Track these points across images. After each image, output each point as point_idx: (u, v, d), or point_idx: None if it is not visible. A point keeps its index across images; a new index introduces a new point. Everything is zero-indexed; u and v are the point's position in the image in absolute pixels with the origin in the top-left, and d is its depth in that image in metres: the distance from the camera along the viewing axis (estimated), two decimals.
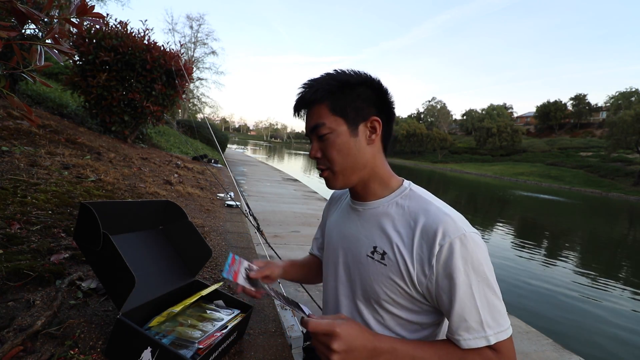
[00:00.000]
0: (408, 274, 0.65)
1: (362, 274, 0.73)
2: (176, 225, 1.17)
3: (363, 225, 0.76)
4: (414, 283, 0.65)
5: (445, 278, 0.62)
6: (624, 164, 36.14)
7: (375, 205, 0.75)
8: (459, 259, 0.61)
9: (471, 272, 0.61)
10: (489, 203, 16.40)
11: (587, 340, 3.50)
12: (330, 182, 0.76)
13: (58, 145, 3.31)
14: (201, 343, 0.86)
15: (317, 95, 0.71)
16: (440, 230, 0.62)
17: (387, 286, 0.68)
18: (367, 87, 0.72)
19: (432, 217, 0.65)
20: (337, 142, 0.71)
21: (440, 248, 0.62)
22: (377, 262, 0.70)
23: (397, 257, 0.67)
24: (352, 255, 0.77)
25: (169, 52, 5.61)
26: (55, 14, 0.97)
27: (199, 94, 27.32)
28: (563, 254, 7.18)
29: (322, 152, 0.73)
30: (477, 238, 0.63)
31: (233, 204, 3.57)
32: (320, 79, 0.73)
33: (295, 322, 1.57)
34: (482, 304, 0.61)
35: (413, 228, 0.66)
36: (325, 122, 0.71)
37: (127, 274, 0.79)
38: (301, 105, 0.75)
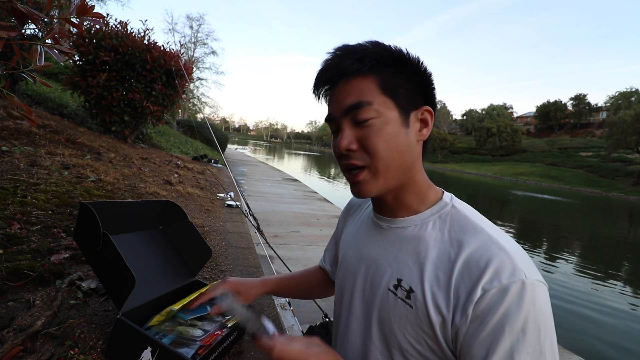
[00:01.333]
0: (441, 324, 0.49)
1: (381, 312, 0.56)
2: (176, 225, 1.17)
3: (387, 248, 0.59)
4: (447, 336, 0.49)
5: (480, 334, 0.45)
6: (624, 164, 36.15)
7: (406, 223, 0.58)
8: (508, 313, 0.43)
9: (521, 337, 0.43)
10: (489, 203, 16.39)
11: (587, 340, 3.50)
12: (366, 186, 0.55)
13: (58, 145, 3.31)
14: (204, 341, 0.86)
15: (364, 63, 0.52)
16: (490, 269, 0.46)
17: (412, 334, 0.52)
18: (418, 69, 0.56)
19: (481, 250, 0.48)
20: (386, 130, 0.52)
21: (483, 293, 0.45)
22: (400, 300, 0.53)
23: (428, 298, 0.50)
24: (371, 284, 0.60)
25: (169, 52, 5.61)
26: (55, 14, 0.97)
27: (199, 94, 27.36)
28: (563, 254, 7.18)
29: (359, 142, 0.53)
30: (541, 290, 0.45)
31: (233, 204, 3.57)
32: (364, 45, 0.54)
33: (295, 322, 1.58)
34: None
35: (453, 261, 0.49)
36: (372, 101, 0.52)
37: (127, 274, 0.78)
38: (335, 73, 0.54)
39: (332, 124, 0.57)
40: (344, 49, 0.55)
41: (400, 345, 0.53)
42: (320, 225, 4.79)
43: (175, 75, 5.60)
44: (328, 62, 0.55)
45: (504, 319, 0.43)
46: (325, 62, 0.56)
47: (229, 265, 2.10)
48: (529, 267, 0.47)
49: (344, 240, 0.75)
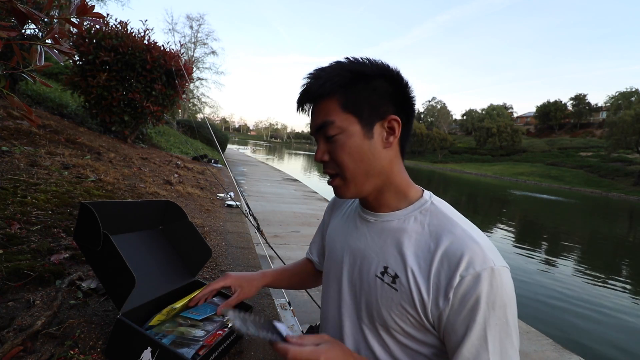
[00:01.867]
0: (422, 304, 0.57)
1: (368, 296, 0.64)
2: (176, 225, 1.17)
3: (373, 240, 0.67)
4: (427, 314, 0.57)
5: (460, 314, 0.54)
6: (624, 164, 36.16)
7: (390, 218, 0.65)
8: (481, 295, 0.52)
9: (492, 313, 0.52)
10: (489, 203, 16.40)
11: (587, 340, 3.50)
12: (341, 190, 0.65)
13: (58, 145, 3.31)
14: (206, 341, 0.86)
15: (326, 88, 0.59)
16: (464, 259, 0.54)
17: (397, 314, 0.60)
18: (385, 80, 0.61)
19: (456, 242, 0.56)
20: (349, 144, 0.60)
21: (461, 280, 0.53)
22: (386, 285, 0.61)
23: (411, 283, 0.58)
24: (358, 272, 0.68)
25: (169, 52, 5.61)
26: (55, 14, 0.97)
27: (199, 94, 27.37)
28: (563, 254, 7.18)
29: (329, 155, 0.63)
30: (506, 275, 0.54)
31: (233, 204, 3.57)
32: (329, 68, 0.62)
33: (295, 322, 1.58)
34: (495, 351, 0.52)
35: (433, 252, 0.57)
36: (334, 120, 0.60)
37: (127, 274, 0.78)
38: (306, 99, 0.63)
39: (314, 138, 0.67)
40: (312, 76, 0.62)
41: (387, 323, 0.62)
42: None
43: (175, 75, 5.60)
44: (302, 88, 0.64)
45: (478, 299, 0.52)
46: (301, 87, 0.64)
47: (229, 265, 2.10)
48: (496, 255, 0.56)
49: (331, 232, 0.81)
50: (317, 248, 0.96)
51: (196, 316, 0.93)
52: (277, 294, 2.07)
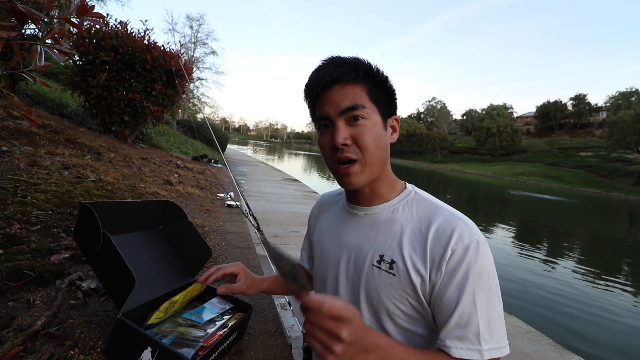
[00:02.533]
0: (421, 282, 0.61)
1: (367, 287, 0.67)
2: (176, 225, 1.16)
3: (365, 232, 0.70)
4: (425, 290, 0.61)
5: (451, 283, 0.58)
6: (624, 164, 36.16)
7: (379, 210, 0.70)
8: (469, 265, 0.58)
9: (478, 281, 0.58)
10: (489, 203, 16.40)
11: (587, 340, 3.50)
12: (357, 177, 0.64)
13: (58, 145, 3.31)
14: (206, 341, 0.86)
15: (359, 74, 0.63)
16: (455, 234, 0.59)
17: (397, 298, 0.63)
18: (389, 85, 0.68)
19: (445, 221, 0.61)
20: (375, 130, 0.63)
21: (452, 253, 0.58)
22: (384, 272, 0.64)
23: (409, 265, 0.61)
24: (353, 267, 0.70)
25: (169, 52, 5.61)
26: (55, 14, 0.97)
27: (199, 94, 27.36)
28: (563, 254, 7.18)
29: (352, 139, 0.63)
30: (487, 246, 0.60)
31: (233, 204, 3.58)
32: (355, 59, 0.66)
33: (295, 322, 1.57)
34: (482, 316, 0.57)
35: (425, 233, 0.62)
36: (365, 105, 0.63)
37: (127, 274, 0.78)
38: (332, 80, 0.63)
39: (322, 122, 0.66)
40: (339, 60, 0.65)
41: (388, 309, 0.64)
42: None
43: (175, 75, 5.60)
44: (323, 69, 0.64)
45: (468, 269, 0.58)
46: (320, 68, 0.65)
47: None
48: (478, 231, 0.62)
49: (319, 234, 0.83)
50: (307, 254, 0.98)
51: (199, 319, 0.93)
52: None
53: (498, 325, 0.58)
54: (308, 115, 0.72)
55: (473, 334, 0.57)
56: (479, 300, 0.57)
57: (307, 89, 0.67)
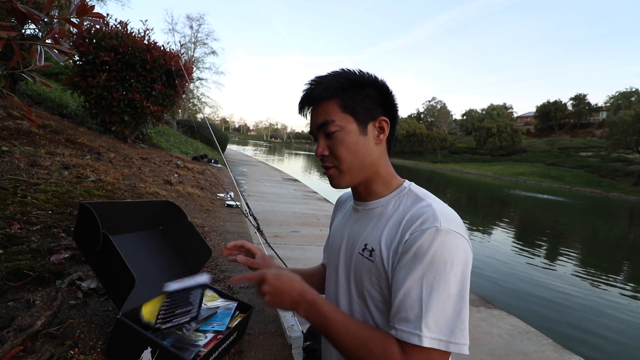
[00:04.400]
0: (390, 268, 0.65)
1: (355, 273, 0.74)
2: (176, 226, 1.17)
3: (360, 225, 0.77)
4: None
5: (400, 263, 0.62)
6: (624, 164, 36.15)
7: (374, 205, 0.76)
8: (423, 248, 0.59)
9: (429, 265, 0.58)
10: (489, 203, 16.40)
11: (587, 340, 3.50)
12: (336, 180, 0.74)
13: (58, 145, 3.31)
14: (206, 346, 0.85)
15: (328, 92, 0.70)
16: (419, 220, 0.62)
17: (374, 282, 0.69)
18: (375, 88, 0.73)
19: (417, 211, 0.65)
20: (347, 140, 0.70)
21: (410, 236, 0.61)
22: (366, 259, 0.70)
23: (383, 252, 0.66)
24: (350, 254, 0.77)
25: (169, 52, 5.61)
26: (55, 14, 0.97)
27: (199, 94, 27.35)
28: (563, 254, 7.18)
29: (329, 150, 0.72)
30: (455, 238, 0.59)
31: (233, 204, 3.58)
32: (328, 76, 0.72)
33: (295, 322, 1.57)
34: (427, 301, 0.57)
35: (400, 222, 0.66)
36: (335, 119, 0.70)
37: (127, 274, 0.78)
38: (308, 101, 0.73)
39: (313, 136, 0.76)
40: (314, 81, 0.72)
41: (370, 293, 0.70)
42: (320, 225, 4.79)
43: (175, 75, 5.60)
44: (305, 91, 0.73)
45: (417, 252, 0.59)
46: (303, 91, 0.73)
47: (229, 265, 2.09)
48: (449, 222, 0.61)
49: (333, 230, 0.90)
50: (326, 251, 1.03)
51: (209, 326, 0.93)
52: None
53: (449, 319, 0.56)
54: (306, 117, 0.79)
55: (415, 317, 0.57)
56: (426, 284, 0.57)
57: (299, 111, 0.76)
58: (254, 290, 1.68)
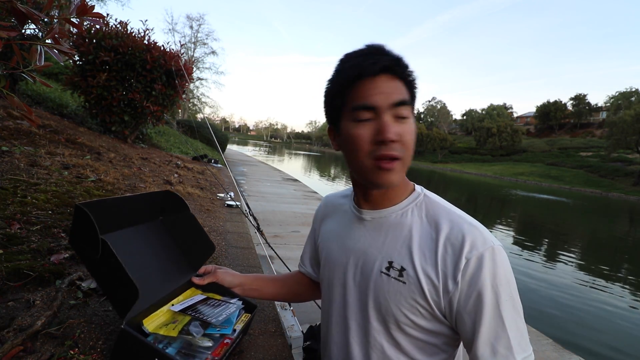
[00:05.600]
0: (434, 292, 0.58)
1: (376, 294, 0.63)
2: (177, 217, 1.09)
3: (373, 237, 0.67)
4: (439, 302, 0.58)
5: (471, 296, 0.55)
6: (624, 164, 36.15)
7: (386, 213, 0.66)
8: (488, 274, 0.54)
9: (499, 290, 0.54)
10: (489, 203, 16.39)
11: (587, 340, 3.50)
12: (396, 175, 0.60)
13: (58, 145, 3.31)
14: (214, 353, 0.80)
15: (405, 71, 0.60)
16: (467, 242, 0.56)
17: (407, 307, 0.60)
18: None
19: (456, 227, 0.58)
20: (413, 129, 0.61)
21: (467, 262, 0.55)
22: (393, 279, 0.61)
23: (419, 273, 0.58)
24: (361, 273, 0.67)
25: (169, 52, 5.61)
26: (55, 14, 0.97)
27: (199, 94, 27.37)
28: (563, 254, 7.18)
29: (399, 135, 0.59)
30: (503, 252, 0.57)
31: (233, 204, 3.58)
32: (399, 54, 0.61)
33: (295, 322, 1.57)
34: (511, 327, 0.54)
35: (435, 239, 0.59)
36: (409, 102, 0.60)
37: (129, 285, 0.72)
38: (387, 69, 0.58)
39: (363, 112, 0.59)
40: (385, 50, 0.60)
41: (397, 319, 0.61)
42: None
43: (175, 75, 5.60)
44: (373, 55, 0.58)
45: (486, 280, 0.54)
46: (366, 53, 0.59)
47: (229, 265, 2.10)
48: (491, 236, 0.58)
49: (325, 240, 0.78)
50: (309, 258, 0.93)
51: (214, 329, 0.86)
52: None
53: (524, 333, 0.56)
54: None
55: (505, 348, 0.54)
56: (505, 312, 0.54)
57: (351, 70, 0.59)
58: None
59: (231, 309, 0.88)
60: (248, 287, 0.90)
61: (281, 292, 0.93)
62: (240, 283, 0.89)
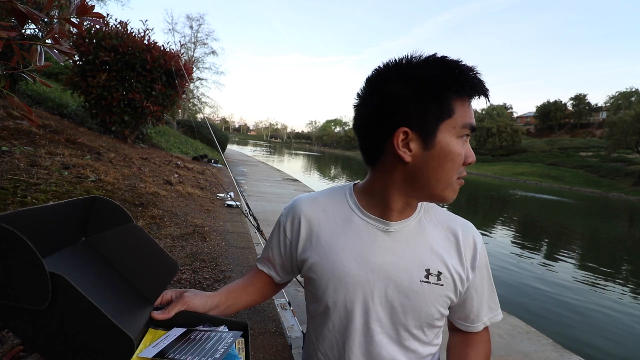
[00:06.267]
0: (461, 285, 0.68)
1: (414, 304, 0.65)
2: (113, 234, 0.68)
3: (401, 248, 0.66)
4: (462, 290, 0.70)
5: (478, 276, 0.71)
6: (624, 164, 36.14)
7: (406, 223, 0.68)
8: (484, 258, 0.72)
9: (488, 265, 0.74)
10: (489, 203, 16.40)
11: (587, 340, 3.50)
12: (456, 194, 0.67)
13: (58, 145, 3.31)
14: None
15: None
16: (476, 240, 0.71)
17: (442, 304, 0.68)
18: None
19: (465, 230, 0.71)
20: None
21: (479, 255, 0.70)
22: (433, 285, 0.65)
23: (453, 273, 0.67)
24: (395, 286, 0.65)
25: (169, 52, 5.62)
26: (55, 14, 0.97)
27: (199, 94, 27.36)
28: (563, 254, 7.18)
29: None
30: None
31: (233, 204, 3.58)
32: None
33: (295, 322, 1.57)
34: (494, 288, 0.75)
35: (455, 242, 0.69)
36: None
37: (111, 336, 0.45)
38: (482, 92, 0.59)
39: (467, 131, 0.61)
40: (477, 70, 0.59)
41: (433, 317, 0.68)
42: None
43: (175, 75, 5.60)
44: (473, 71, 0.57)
45: (485, 263, 0.72)
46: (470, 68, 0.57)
47: (229, 265, 2.10)
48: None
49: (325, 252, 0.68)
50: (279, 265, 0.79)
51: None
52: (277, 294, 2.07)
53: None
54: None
55: (495, 303, 0.75)
56: (491, 279, 0.74)
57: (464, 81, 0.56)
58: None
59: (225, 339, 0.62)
60: (224, 307, 0.74)
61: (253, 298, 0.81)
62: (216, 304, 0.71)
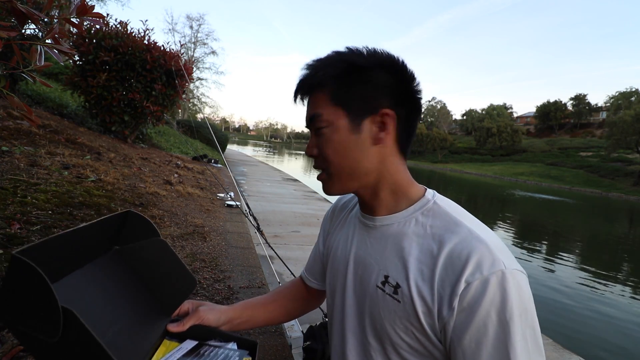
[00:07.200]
0: (428, 315, 0.50)
1: (372, 309, 0.57)
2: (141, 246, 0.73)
3: (373, 246, 0.61)
4: (434, 326, 0.50)
5: (467, 329, 0.46)
6: (624, 164, 36.17)
7: (390, 221, 0.59)
8: (492, 304, 0.44)
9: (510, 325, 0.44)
10: (489, 203, 16.40)
11: (587, 340, 3.50)
12: (325, 186, 0.62)
13: (58, 145, 3.31)
14: None
15: (318, 78, 0.56)
16: (471, 262, 0.47)
17: (401, 328, 0.53)
18: (385, 72, 0.56)
19: (461, 244, 0.49)
20: (334, 138, 0.56)
21: (467, 286, 0.46)
22: (388, 296, 0.54)
23: (414, 292, 0.51)
24: (360, 283, 0.61)
25: (169, 52, 5.62)
26: (55, 14, 0.97)
27: (199, 94, 27.35)
28: (563, 254, 7.18)
29: (318, 149, 0.59)
30: (521, 279, 0.47)
31: (233, 204, 3.58)
32: (325, 58, 0.58)
33: (295, 322, 1.57)
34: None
35: (435, 256, 0.51)
36: (322, 112, 0.56)
37: None
38: (301, 89, 0.60)
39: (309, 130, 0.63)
40: (310, 66, 0.59)
41: (392, 339, 0.54)
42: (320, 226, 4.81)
43: (175, 75, 5.60)
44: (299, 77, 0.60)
45: (490, 309, 0.45)
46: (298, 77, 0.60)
47: (229, 265, 2.10)
48: (507, 257, 0.48)
49: (332, 240, 0.73)
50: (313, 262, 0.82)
51: None
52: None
53: None
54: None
55: None
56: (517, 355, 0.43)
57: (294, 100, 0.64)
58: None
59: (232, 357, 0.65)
60: (238, 322, 0.74)
61: (274, 315, 0.80)
62: (229, 319, 0.71)
